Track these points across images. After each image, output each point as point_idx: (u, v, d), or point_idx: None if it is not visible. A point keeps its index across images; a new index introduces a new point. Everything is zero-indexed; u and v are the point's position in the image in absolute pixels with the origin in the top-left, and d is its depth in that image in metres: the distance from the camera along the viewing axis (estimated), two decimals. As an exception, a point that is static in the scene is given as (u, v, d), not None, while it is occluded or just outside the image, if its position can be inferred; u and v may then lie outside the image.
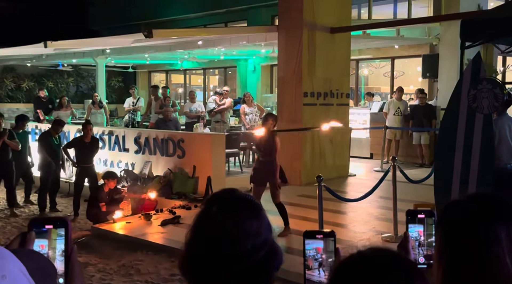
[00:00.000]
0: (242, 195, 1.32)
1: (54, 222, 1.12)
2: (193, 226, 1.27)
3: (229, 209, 1.25)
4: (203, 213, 1.27)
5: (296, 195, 8.62)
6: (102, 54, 14.64)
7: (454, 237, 1.16)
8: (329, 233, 1.28)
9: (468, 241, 1.13)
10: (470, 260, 1.12)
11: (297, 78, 9.54)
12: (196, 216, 1.29)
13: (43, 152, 8.55)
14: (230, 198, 1.30)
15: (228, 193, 1.32)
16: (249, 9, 16.70)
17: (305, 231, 1.29)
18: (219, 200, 1.29)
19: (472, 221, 1.15)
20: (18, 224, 7.93)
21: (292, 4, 9.59)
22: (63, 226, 1.11)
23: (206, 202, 1.30)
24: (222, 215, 1.23)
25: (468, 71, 5.43)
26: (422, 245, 1.46)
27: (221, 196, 1.31)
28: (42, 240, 1.09)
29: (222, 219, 1.22)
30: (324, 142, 9.85)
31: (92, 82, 19.79)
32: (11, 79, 18.64)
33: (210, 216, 1.25)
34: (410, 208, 1.52)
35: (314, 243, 1.27)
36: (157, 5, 18.81)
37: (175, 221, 7.09)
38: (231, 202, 1.28)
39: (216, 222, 1.23)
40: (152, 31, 9.12)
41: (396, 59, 14.72)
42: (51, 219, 1.12)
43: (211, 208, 1.26)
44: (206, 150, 8.51)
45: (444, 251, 1.16)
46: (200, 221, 1.26)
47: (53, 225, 1.11)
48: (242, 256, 1.19)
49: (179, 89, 20.87)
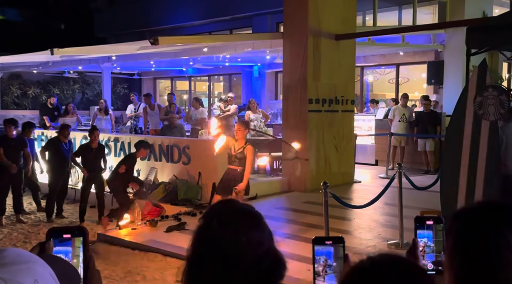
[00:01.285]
0: (240, 206, 1.30)
1: (72, 231, 1.13)
2: (194, 241, 1.25)
3: (230, 223, 1.23)
4: (203, 228, 1.25)
5: (302, 201, 8.62)
6: (108, 61, 14.72)
7: (465, 244, 1.16)
8: (338, 239, 1.28)
9: (479, 247, 1.13)
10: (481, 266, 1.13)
11: (302, 84, 9.56)
12: (196, 231, 1.26)
13: (53, 158, 8.57)
14: (229, 211, 1.27)
15: (226, 205, 1.30)
16: (254, 16, 16.77)
17: (314, 237, 1.30)
18: (219, 214, 1.26)
19: (483, 228, 1.15)
20: (24, 230, 7.96)
21: (297, 11, 9.63)
22: (81, 234, 1.12)
23: (205, 216, 1.28)
24: (223, 230, 1.21)
25: (474, 78, 5.44)
26: (431, 251, 1.46)
27: (220, 209, 1.29)
28: (66, 248, 1.11)
29: (223, 234, 1.21)
30: (329, 149, 9.85)
31: (97, 89, 19.89)
32: (17, 86, 18.76)
33: (211, 231, 1.23)
34: (416, 214, 1.52)
35: (323, 249, 1.27)
36: (162, 13, 18.92)
37: (180, 227, 7.10)
38: (231, 215, 1.26)
39: (217, 237, 1.21)
40: (158, 38, 9.16)
41: (401, 65, 14.73)
42: (69, 228, 1.13)
43: (211, 222, 1.24)
44: (211, 156, 8.52)
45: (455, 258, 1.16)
46: (201, 236, 1.24)
47: (71, 234, 1.12)
48: (246, 268, 1.18)
49: (184, 95, 20.94)
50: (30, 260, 0.91)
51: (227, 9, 17.19)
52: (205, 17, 17.98)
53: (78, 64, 15.54)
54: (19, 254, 0.91)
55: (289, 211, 7.98)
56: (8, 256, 0.89)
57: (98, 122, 12.67)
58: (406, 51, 13.86)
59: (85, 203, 8.27)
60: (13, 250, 0.92)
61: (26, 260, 0.90)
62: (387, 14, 14.17)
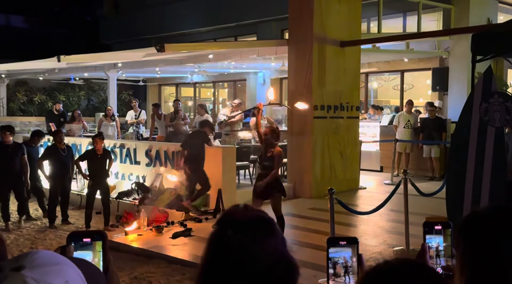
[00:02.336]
0: (254, 212, 1.29)
1: (92, 235, 1.15)
2: (208, 249, 1.24)
3: (245, 230, 1.22)
4: (217, 236, 1.24)
5: (307, 208, 8.63)
6: (113, 68, 14.80)
7: (476, 248, 1.17)
8: (352, 240, 1.30)
9: (490, 251, 1.15)
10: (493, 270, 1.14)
11: (307, 91, 9.59)
12: (209, 238, 1.25)
13: (52, 165, 8.60)
14: (243, 217, 1.27)
15: (239, 212, 1.29)
16: (258, 23, 16.84)
17: (329, 237, 1.31)
18: (233, 221, 1.25)
19: (494, 232, 1.17)
20: (31, 236, 8.00)
21: (302, 18, 9.68)
22: (100, 238, 1.14)
23: (219, 224, 1.27)
24: (238, 237, 1.21)
25: (480, 84, 5.45)
26: (440, 256, 1.48)
27: (234, 216, 1.28)
28: (87, 252, 1.13)
29: (238, 242, 1.20)
30: (334, 155, 9.86)
31: (103, 96, 19.98)
32: (24, 92, 18.88)
33: (225, 239, 1.22)
34: (421, 221, 1.53)
35: (337, 250, 1.29)
36: (168, 20, 19.02)
37: (186, 233, 7.12)
38: (246, 222, 1.25)
39: (232, 245, 1.20)
40: (164, 45, 9.22)
41: (405, 72, 14.75)
42: (89, 232, 1.15)
43: (225, 230, 1.23)
44: (216, 162, 8.55)
45: (466, 262, 1.18)
46: (215, 244, 1.23)
47: (90, 238, 1.14)
48: (261, 275, 1.19)
49: (189, 102, 21.01)
50: (61, 262, 0.94)
51: (232, 16, 17.27)
52: (210, 24, 18.06)
53: (84, 71, 15.63)
54: (50, 256, 0.95)
55: (294, 217, 7.98)
56: (40, 258, 0.93)
57: (104, 128, 12.73)
58: (411, 57, 13.87)
59: (91, 209, 8.30)
60: (45, 252, 0.95)
61: (57, 262, 0.93)
62: (392, 21, 14.21)
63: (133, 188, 9.30)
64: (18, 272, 0.89)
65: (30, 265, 0.90)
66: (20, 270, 0.89)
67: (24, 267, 0.89)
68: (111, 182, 9.24)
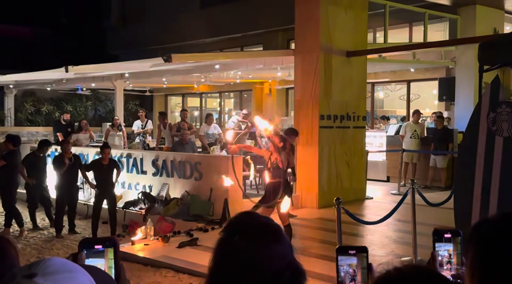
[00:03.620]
0: (261, 219, 1.30)
1: (103, 242, 1.16)
2: (216, 255, 1.24)
3: (252, 237, 1.23)
4: (224, 242, 1.25)
5: (314, 217, 8.60)
6: (121, 78, 14.89)
7: (486, 254, 1.17)
8: (361, 249, 1.29)
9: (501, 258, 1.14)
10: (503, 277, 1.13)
11: (313, 101, 9.60)
12: (216, 244, 1.26)
13: (58, 174, 8.64)
14: (250, 224, 1.27)
15: (247, 218, 1.30)
16: (264, 33, 16.93)
17: (338, 246, 1.31)
18: (240, 228, 1.26)
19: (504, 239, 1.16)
20: (38, 246, 8.01)
21: (308, 28, 9.72)
22: (112, 245, 1.14)
23: (226, 230, 1.27)
24: (245, 244, 1.21)
25: (487, 94, 5.44)
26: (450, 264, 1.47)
27: (240, 223, 1.29)
28: (99, 259, 1.13)
29: (245, 248, 1.20)
30: (341, 165, 9.84)
31: (109, 106, 20.09)
32: (31, 103, 19.02)
33: (232, 245, 1.22)
34: (429, 231, 1.52)
35: (347, 258, 1.28)
36: (174, 30, 19.15)
37: (192, 243, 7.11)
38: (253, 228, 1.25)
39: (240, 250, 1.21)
40: (171, 55, 9.28)
41: (412, 82, 14.75)
42: (100, 239, 1.16)
43: (232, 236, 1.23)
44: (223, 172, 8.55)
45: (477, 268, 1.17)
46: (222, 250, 1.24)
47: (102, 245, 1.14)
48: (268, 281, 1.19)
49: (195, 112, 21.08)
50: (73, 269, 0.95)
51: (238, 26, 17.37)
52: (216, 34, 18.16)
53: (92, 82, 15.73)
54: (63, 263, 0.96)
55: (301, 227, 7.96)
56: (52, 265, 0.94)
57: (111, 138, 12.78)
58: (417, 67, 13.88)
59: (97, 218, 8.31)
60: (58, 260, 0.96)
61: (69, 269, 0.94)
62: (398, 31, 14.24)
63: (140, 198, 9.31)
64: (30, 279, 0.89)
65: (42, 273, 0.91)
66: (32, 278, 0.90)
67: (36, 275, 0.90)
68: (117, 191, 9.26)
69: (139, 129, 13.68)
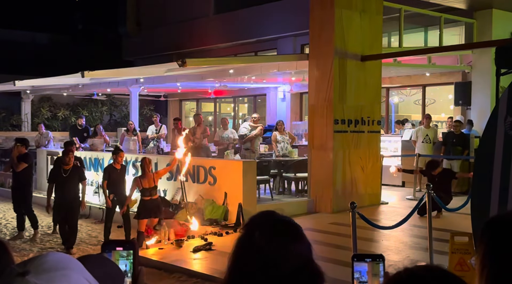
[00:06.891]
0: (281, 217, 1.31)
1: (124, 244, 1.19)
2: (235, 252, 1.26)
3: (272, 234, 1.24)
4: (245, 239, 1.26)
5: (328, 222, 8.55)
6: (136, 84, 15.01)
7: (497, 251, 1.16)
8: (378, 256, 1.28)
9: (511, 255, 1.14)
10: None
11: (328, 105, 9.57)
12: (237, 241, 1.28)
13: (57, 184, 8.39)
14: (271, 222, 1.29)
15: (267, 216, 1.31)
16: (279, 38, 16.94)
17: (354, 254, 1.30)
18: (260, 225, 1.27)
19: None
20: (54, 250, 8.06)
21: (323, 32, 9.70)
22: (131, 248, 1.17)
23: (247, 227, 1.29)
24: (265, 240, 1.22)
25: (505, 98, 5.37)
26: None
27: (261, 220, 1.30)
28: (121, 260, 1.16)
29: (265, 244, 1.22)
30: (355, 169, 9.78)
31: (125, 111, 20.26)
32: (48, 108, 19.28)
33: (252, 241, 1.24)
34: (444, 237, 1.50)
35: (363, 266, 1.27)
36: (188, 36, 19.27)
37: (206, 247, 7.11)
38: (273, 226, 1.27)
39: (259, 247, 1.22)
40: (186, 60, 9.33)
41: (427, 86, 14.63)
42: (121, 242, 1.19)
43: (253, 233, 1.25)
44: (237, 177, 8.55)
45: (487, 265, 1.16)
46: (242, 247, 1.25)
47: (122, 247, 1.18)
48: (285, 279, 1.19)
49: (209, 117, 21.16)
50: (67, 266, 0.94)
51: (252, 31, 17.42)
52: (230, 39, 18.23)
53: (107, 87, 15.88)
54: (59, 260, 0.95)
55: (315, 232, 7.91)
56: (47, 262, 0.93)
57: (126, 143, 12.86)
58: (433, 72, 13.77)
59: (110, 222, 8.30)
60: (54, 256, 0.96)
61: (63, 267, 0.93)
62: (413, 35, 14.15)
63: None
64: (22, 277, 0.89)
65: (35, 270, 0.90)
66: (25, 276, 0.89)
67: (29, 272, 0.90)
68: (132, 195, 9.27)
69: (153, 134, 13.77)
